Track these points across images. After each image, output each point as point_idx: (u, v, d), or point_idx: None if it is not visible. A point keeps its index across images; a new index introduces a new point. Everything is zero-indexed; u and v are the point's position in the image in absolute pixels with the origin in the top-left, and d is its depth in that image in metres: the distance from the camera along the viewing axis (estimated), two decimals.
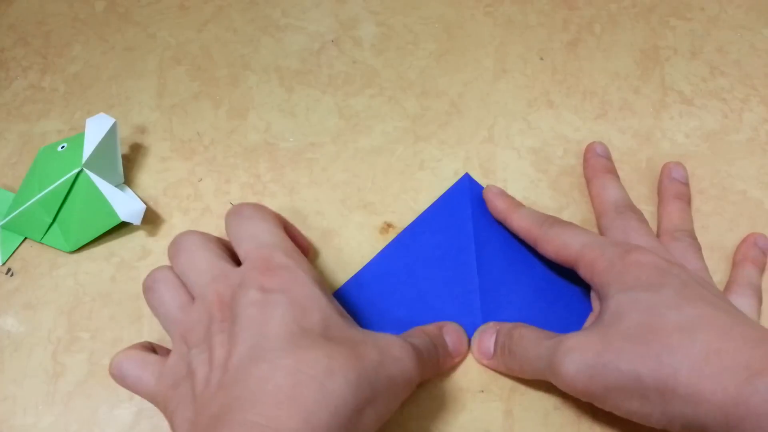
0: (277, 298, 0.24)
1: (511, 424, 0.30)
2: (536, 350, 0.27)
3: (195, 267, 0.27)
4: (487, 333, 0.30)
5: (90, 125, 0.36)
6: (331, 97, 0.41)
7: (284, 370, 0.22)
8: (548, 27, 0.44)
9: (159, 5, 0.47)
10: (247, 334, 0.24)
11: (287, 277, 0.25)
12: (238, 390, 0.22)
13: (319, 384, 0.22)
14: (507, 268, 0.33)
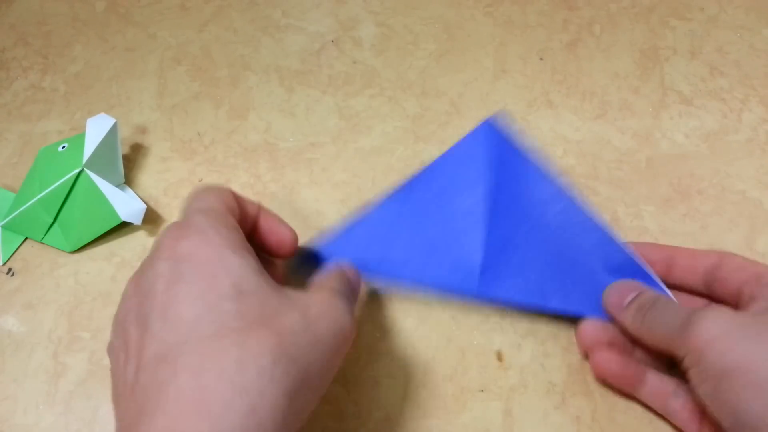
0: (184, 269, 0.22)
1: (510, 424, 0.30)
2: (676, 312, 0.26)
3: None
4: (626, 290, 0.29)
5: (90, 125, 0.36)
6: (331, 97, 0.41)
7: (187, 372, 0.19)
8: (548, 27, 0.44)
9: (159, 5, 0.47)
10: (154, 317, 0.21)
11: (197, 240, 0.23)
12: (144, 396, 0.20)
13: (228, 382, 0.19)
14: (516, 229, 0.32)
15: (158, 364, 0.20)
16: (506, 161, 0.33)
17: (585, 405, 0.30)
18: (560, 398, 0.30)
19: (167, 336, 0.21)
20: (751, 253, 0.34)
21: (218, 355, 0.20)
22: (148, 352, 0.21)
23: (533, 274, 0.31)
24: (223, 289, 0.22)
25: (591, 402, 0.30)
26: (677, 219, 0.35)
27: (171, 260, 0.22)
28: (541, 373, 0.31)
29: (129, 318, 0.23)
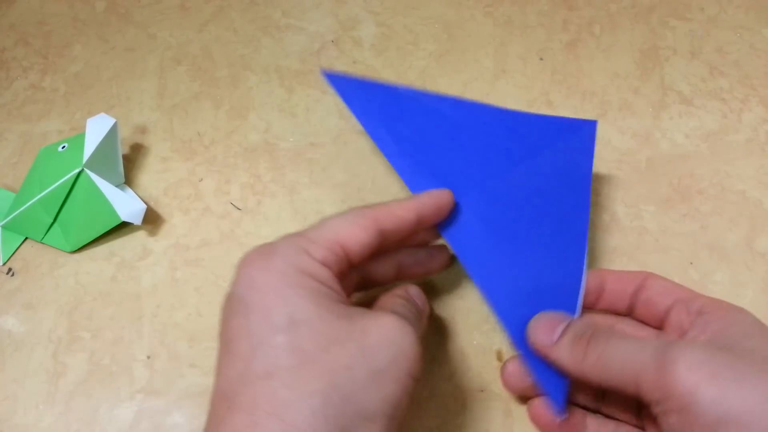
0: (247, 299, 0.22)
1: (511, 424, 0.30)
2: (636, 342, 0.23)
3: None
4: (551, 322, 0.26)
5: (90, 125, 0.36)
6: (331, 97, 0.41)
7: (242, 411, 0.20)
8: (548, 27, 0.44)
9: (159, 5, 0.47)
10: (222, 350, 0.22)
11: (259, 266, 0.22)
12: (208, 428, 0.21)
13: (279, 421, 0.19)
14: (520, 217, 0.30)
15: (220, 399, 0.21)
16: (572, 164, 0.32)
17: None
18: None
19: (227, 371, 0.21)
20: (751, 253, 0.34)
21: (270, 396, 0.20)
22: (216, 383, 0.21)
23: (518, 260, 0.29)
24: (278, 321, 0.21)
25: None
26: (677, 219, 0.36)
27: (239, 287, 0.22)
28: None
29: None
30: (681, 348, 0.21)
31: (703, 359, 0.21)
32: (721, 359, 0.21)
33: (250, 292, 0.22)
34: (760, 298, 0.33)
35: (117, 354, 0.32)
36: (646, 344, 0.23)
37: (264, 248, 0.23)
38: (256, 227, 0.36)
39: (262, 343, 0.21)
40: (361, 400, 0.21)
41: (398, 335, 0.22)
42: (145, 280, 0.35)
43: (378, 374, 0.21)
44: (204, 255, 0.35)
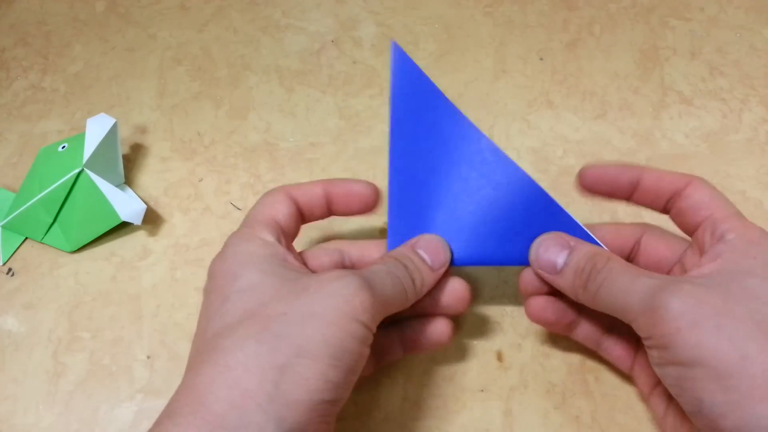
0: (209, 286, 0.26)
1: (510, 424, 0.30)
2: (629, 282, 0.24)
3: None
4: (553, 246, 0.27)
5: (90, 125, 0.36)
6: (331, 97, 0.41)
7: (201, 366, 0.23)
8: (548, 27, 0.44)
9: (159, 5, 0.47)
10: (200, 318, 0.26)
11: (217, 260, 0.26)
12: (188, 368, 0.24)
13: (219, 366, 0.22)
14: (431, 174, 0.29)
15: (194, 356, 0.24)
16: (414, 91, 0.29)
17: (585, 405, 0.30)
18: (560, 398, 0.30)
19: (192, 348, 0.25)
20: None
21: (212, 350, 0.23)
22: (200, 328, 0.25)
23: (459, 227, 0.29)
24: (227, 294, 0.25)
25: (591, 402, 0.30)
26: None
27: (206, 282, 0.27)
28: (541, 373, 0.31)
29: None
30: (668, 295, 0.23)
31: (687, 307, 0.22)
32: (705, 306, 0.22)
33: (209, 282, 0.26)
34: None
35: (117, 354, 0.32)
36: (639, 286, 0.24)
37: (224, 245, 0.27)
38: None
39: (213, 314, 0.24)
40: (297, 340, 0.22)
41: (338, 283, 0.24)
42: (145, 280, 0.35)
43: (314, 316, 0.23)
44: (204, 255, 0.35)
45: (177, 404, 0.22)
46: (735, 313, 0.22)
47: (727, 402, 0.21)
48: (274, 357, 0.22)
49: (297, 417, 0.21)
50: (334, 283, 0.24)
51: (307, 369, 0.22)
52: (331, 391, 0.22)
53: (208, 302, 0.25)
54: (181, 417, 0.21)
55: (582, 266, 0.26)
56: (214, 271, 0.26)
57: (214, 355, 0.22)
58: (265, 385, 0.21)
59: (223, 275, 0.25)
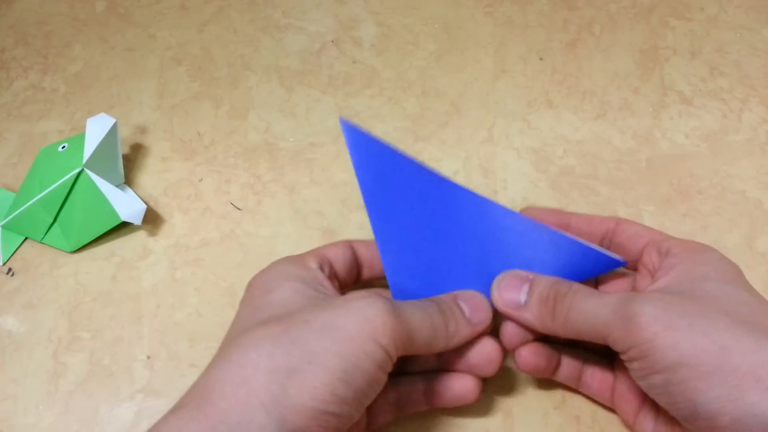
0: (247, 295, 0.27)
1: (511, 424, 0.30)
2: (597, 300, 0.25)
3: None
4: (513, 281, 0.27)
5: (90, 125, 0.36)
6: (331, 97, 0.41)
7: (223, 355, 0.24)
8: (548, 27, 0.44)
9: (159, 5, 0.47)
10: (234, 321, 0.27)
11: (259, 275, 0.28)
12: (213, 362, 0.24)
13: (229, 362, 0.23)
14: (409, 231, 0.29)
15: (221, 348, 0.25)
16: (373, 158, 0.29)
17: (585, 405, 0.30)
18: (560, 398, 0.30)
19: (229, 332, 0.26)
20: (751, 253, 0.34)
21: (231, 346, 0.23)
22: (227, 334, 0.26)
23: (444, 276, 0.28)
24: (260, 305, 0.25)
25: (591, 402, 0.30)
26: (677, 219, 0.36)
27: (246, 290, 0.27)
28: None
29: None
30: (639, 303, 0.23)
31: (660, 311, 0.22)
32: (676, 308, 0.23)
33: (245, 294, 0.27)
34: None
35: (117, 354, 0.32)
36: (607, 301, 0.24)
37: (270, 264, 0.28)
38: (256, 227, 0.36)
39: (240, 321, 0.25)
40: (312, 347, 0.22)
41: (363, 302, 0.24)
42: (145, 280, 0.35)
43: (333, 329, 0.23)
44: (204, 255, 0.35)
45: (185, 399, 0.22)
46: (705, 310, 0.22)
47: (718, 397, 0.21)
48: (286, 360, 0.22)
49: (299, 422, 0.21)
50: (360, 301, 0.24)
51: (315, 377, 0.22)
52: (336, 404, 0.22)
53: (240, 311, 0.26)
54: (185, 411, 0.21)
55: (545, 294, 0.26)
56: (251, 284, 0.27)
57: (229, 352, 0.23)
58: (271, 386, 0.21)
59: (259, 287, 0.26)
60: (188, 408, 0.22)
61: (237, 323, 0.25)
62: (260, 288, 0.26)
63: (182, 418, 0.21)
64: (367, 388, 0.23)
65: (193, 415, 0.21)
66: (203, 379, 0.23)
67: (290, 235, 0.36)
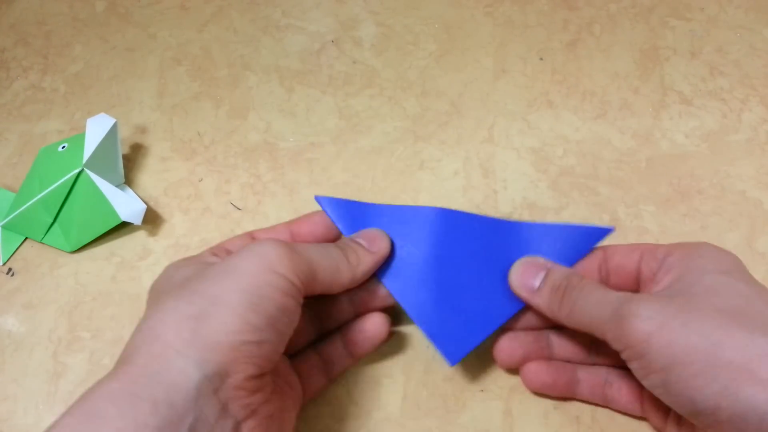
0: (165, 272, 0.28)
1: (510, 424, 0.30)
2: (601, 296, 0.25)
3: None
4: (531, 268, 0.29)
5: (90, 125, 0.36)
6: (331, 97, 0.41)
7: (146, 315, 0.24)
8: (548, 27, 0.44)
9: (159, 5, 0.47)
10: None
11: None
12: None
13: (143, 322, 0.24)
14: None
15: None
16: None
17: (585, 405, 0.30)
18: (560, 399, 0.30)
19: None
20: (751, 253, 0.34)
21: (141, 320, 0.24)
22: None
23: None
24: (161, 290, 0.26)
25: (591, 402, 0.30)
26: (677, 219, 0.36)
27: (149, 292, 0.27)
28: None
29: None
30: (634, 304, 0.24)
31: (654, 312, 0.23)
32: (670, 308, 0.23)
33: (148, 296, 0.27)
34: None
35: (117, 354, 0.32)
36: (609, 299, 0.25)
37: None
38: (256, 227, 0.36)
39: (150, 300, 0.26)
40: (213, 291, 0.23)
41: (255, 246, 0.25)
42: (145, 280, 0.35)
43: (230, 271, 0.24)
44: None
45: (108, 373, 0.23)
46: (699, 307, 0.23)
47: (715, 393, 0.21)
48: (190, 308, 0.23)
49: (219, 357, 0.22)
50: (251, 245, 0.25)
51: (223, 313, 0.22)
52: (251, 333, 0.23)
53: (147, 302, 0.26)
54: (106, 377, 0.22)
55: (558, 284, 0.27)
56: (151, 287, 0.27)
57: (139, 325, 0.24)
58: (182, 333, 0.22)
59: (157, 283, 0.27)
60: (109, 375, 0.22)
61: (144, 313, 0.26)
62: (159, 282, 0.27)
63: (102, 382, 0.22)
64: (279, 314, 0.24)
65: (113, 377, 0.22)
66: (122, 352, 0.23)
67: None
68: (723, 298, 0.23)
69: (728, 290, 0.24)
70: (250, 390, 0.23)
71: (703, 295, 0.24)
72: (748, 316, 0.22)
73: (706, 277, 0.24)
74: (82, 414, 0.21)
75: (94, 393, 0.21)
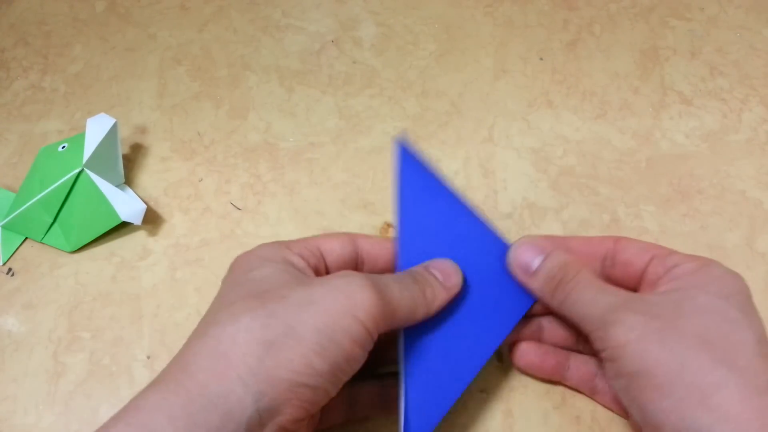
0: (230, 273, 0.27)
1: (511, 424, 0.30)
2: (593, 296, 0.26)
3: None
4: (530, 249, 0.28)
5: (90, 125, 0.36)
6: (331, 97, 0.41)
7: (205, 323, 0.24)
8: (548, 27, 0.44)
9: (159, 5, 0.47)
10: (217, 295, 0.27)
11: (245, 253, 0.27)
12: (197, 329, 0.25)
13: (205, 336, 0.23)
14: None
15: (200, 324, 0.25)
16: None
17: (585, 405, 0.30)
18: (560, 398, 0.30)
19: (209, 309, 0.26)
20: (751, 253, 0.34)
21: (210, 320, 0.24)
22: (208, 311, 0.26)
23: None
24: (240, 282, 0.25)
25: (591, 402, 0.30)
26: (677, 219, 0.36)
27: (228, 270, 0.27)
28: None
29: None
30: (623, 313, 0.24)
31: (638, 324, 0.24)
32: (654, 324, 0.24)
33: (227, 273, 0.27)
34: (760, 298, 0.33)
35: (117, 354, 0.32)
36: (600, 300, 0.25)
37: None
38: (256, 227, 0.36)
39: (222, 297, 0.25)
40: (289, 321, 0.23)
41: (342, 280, 0.24)
42: (145, 280, 0.35)
43: (311, 303, 0.23)
44: (204, 255, 0.35)
45: (163, 374, 0.22)
46: (681, 328, 0.23)
47: (665, 409, 0.22)
48: (264, 333, 0.22)
49: (275, 394, 0.22)
50: (339, 279, 0.24)
51: (291, 350, 0.22)
52: (311, 377, 0.22)
53: (221, 289, 0.26)
54: (163, 385, 0.22)
55: (554, 274, 0.27)
56: (234, 263, 0.27)
57: (207, 327, 0.23)
58: (248, 359, 0.22)
59: (240, 266, 0.26)
60: (166, 381, 0.22)
61: (217, 301, 0.25)
62: (241, 267, 0.26)
63: (160, 391, 0.21)
64: (344, 363, 0.23)
65: (171, 388, 0.21)
66: (181, 353, 0.23)
67: (290, 235, 0.36)
68: (708, 323, 0.24)
69: (717, 315, 0.24)
70: (292, 430, 0.23)
71: (689, 316, 0.24)
72: (722, 345, 0.23)
73: (702, 298, 0.25)
74: (138, 426, 0.20)
75: (150, 401, 0.21)
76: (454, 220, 0.29)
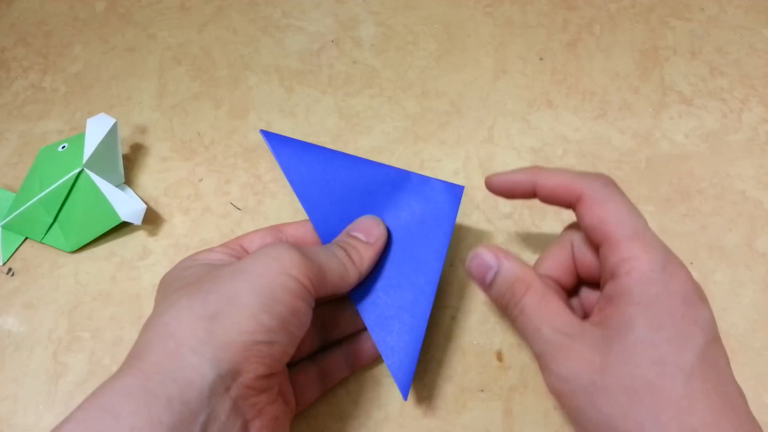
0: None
1: (510, 424, 0.30)
2: (536, 329, 0.25)
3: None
4: (482, 266, 0.27)
5: (90, 125, 0.36)
6: (331, 97, 0.41)
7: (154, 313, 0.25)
8: (548, 27, 0.44)
9: (159, 5, 0.47)
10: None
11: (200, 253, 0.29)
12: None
13: (152, 319, 0.24)
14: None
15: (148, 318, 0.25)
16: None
17: None
18: None
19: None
20: (751, 253, 0.34)
21: (152, 319, 0.24)
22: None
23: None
24: (172, 284, 0.26)
25: None
26: (677, 219, 0.36)
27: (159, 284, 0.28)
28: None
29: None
30: (552, 362, 0.24)
31: (571, 375, 0.24)
32: (584, 377, 0.23)
33: (158, 287, 0.28)
34: (760, 298, 0.33)
35: (117, 354, 0.32)
36: (541, 335, 0.25)
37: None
38: (256, 227, 0.36)
39: (158, 302, 0.26)
40: (227, 292, 0.24)
41: (267, 249, 0.25)
42: (145, 280, 0.35)
43: (244, 272, 0.24)
44: None
45: (119, 368, 0.23)
46: (608, 382, 0.23)
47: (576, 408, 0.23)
48: (205, 307, 0.23)
49: (232, 356, 0.22)
50: (267, 248, 0.25)
51: (237, 314, 0.23)
52: (264, 333, 0.23)
53: (156, 299, 0.27)
54: (119, 373, 0.22)
55: (502, 292, 0.27)
56: (160, 281, 0.28)
57: (152, 320, 0.24)
58: (197, 332, 0.22)
59: (168, 276, 0.27)
60: (122, 370, 0.22)
61: (156, 305, 0.26)
62: (169, 277, 0.27)
63: (117, 378, 0.22)
64: (290, 316, 0.24)
65: (126, 372, 0.22)
66: (134, 347, 0.23)
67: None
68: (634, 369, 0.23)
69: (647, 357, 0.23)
70: (259, 389, 0.23)
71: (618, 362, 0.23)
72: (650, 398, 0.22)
73: (630, 337, 0.23)
74: (96, 409, 0.21)
75: (108, 388, 0.21)
76: (346, 176, 0.31)
